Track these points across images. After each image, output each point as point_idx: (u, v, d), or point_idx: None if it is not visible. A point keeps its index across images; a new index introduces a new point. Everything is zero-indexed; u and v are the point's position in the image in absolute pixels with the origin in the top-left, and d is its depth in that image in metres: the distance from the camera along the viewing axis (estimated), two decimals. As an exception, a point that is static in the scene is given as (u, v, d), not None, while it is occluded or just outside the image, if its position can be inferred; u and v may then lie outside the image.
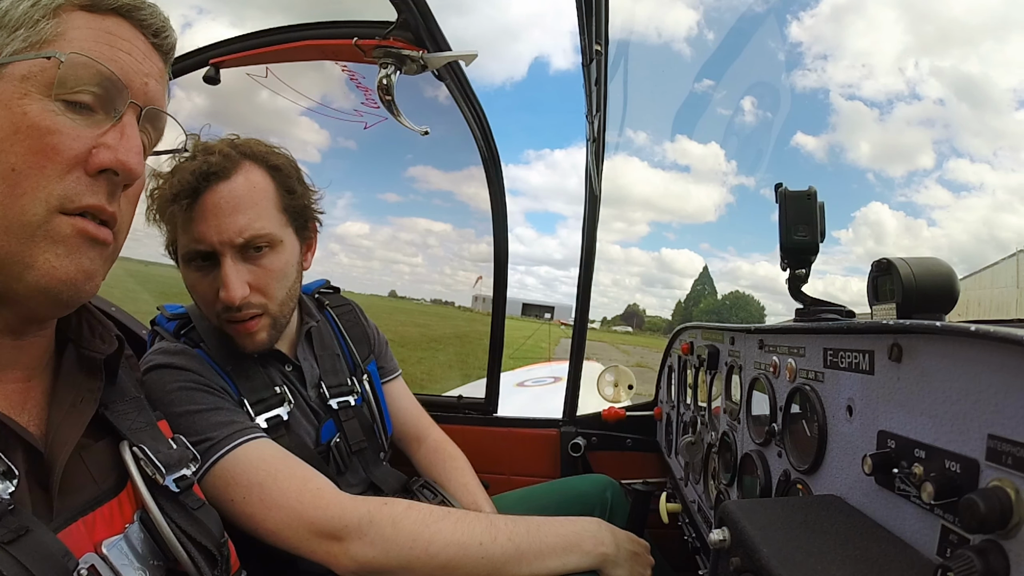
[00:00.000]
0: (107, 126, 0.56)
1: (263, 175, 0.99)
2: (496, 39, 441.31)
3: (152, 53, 0.61)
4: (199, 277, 0.97)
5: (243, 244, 0.94)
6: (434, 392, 2.01)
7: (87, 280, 0.56)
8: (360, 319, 1.34)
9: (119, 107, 0.57)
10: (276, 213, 0.99)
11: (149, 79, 0.60)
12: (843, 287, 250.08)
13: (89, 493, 0.58)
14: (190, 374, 0.93)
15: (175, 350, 0.97)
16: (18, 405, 0.57)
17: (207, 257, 0.95)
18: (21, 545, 0.47)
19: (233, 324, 0.97)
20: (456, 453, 1.35)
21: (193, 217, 0.93)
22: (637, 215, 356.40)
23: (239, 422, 0.91)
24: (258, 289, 0.97)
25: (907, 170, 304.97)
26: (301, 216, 1.06)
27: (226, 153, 0.96)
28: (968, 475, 0.44)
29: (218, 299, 0.95)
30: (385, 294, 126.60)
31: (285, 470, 0.87)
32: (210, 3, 62.31)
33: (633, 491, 1.35)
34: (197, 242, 0.93)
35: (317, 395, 1.13)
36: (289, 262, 1.02)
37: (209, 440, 0.86)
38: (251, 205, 0.95)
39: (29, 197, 0.52)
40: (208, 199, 0.93)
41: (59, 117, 0.53)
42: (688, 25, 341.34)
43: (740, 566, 0.55)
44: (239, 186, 0.95)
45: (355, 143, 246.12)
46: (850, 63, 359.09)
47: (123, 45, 0.57)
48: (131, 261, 0.80)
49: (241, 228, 0.93)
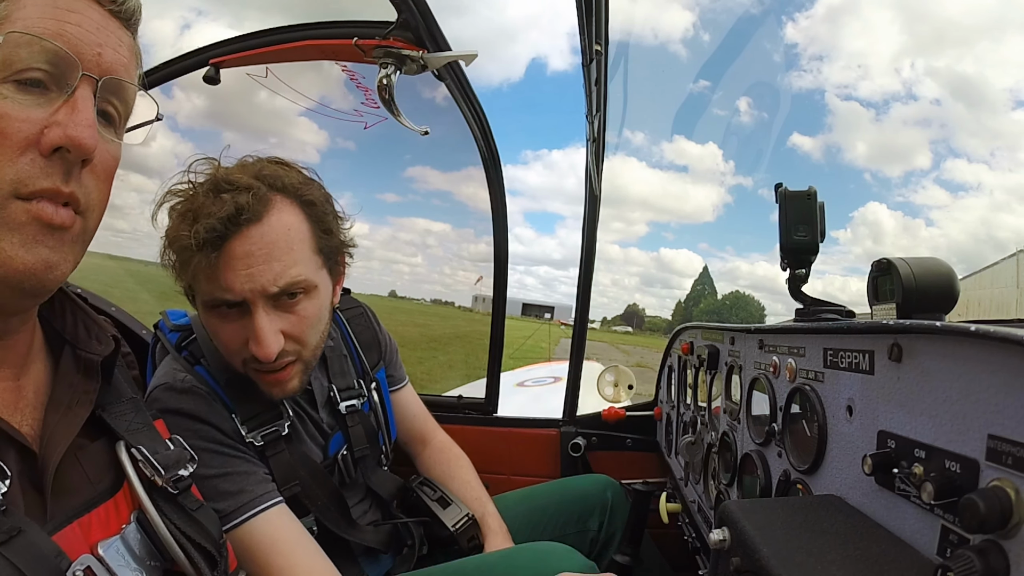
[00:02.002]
0: (59, 103, 0.53)
1: (296, 213, 0.90)
2: (493, 40, 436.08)
3: (108, 21, 0.58)
4: (222, 324, 0.90)
5: (277, 293, 0.87)
6: (434, 392, 2.01)
7: (48, 270, 0.53)
8: (372, 324, 1.29)
9: (71, 82, 0.54)
10: (311, 256, 0.92)
11: (104, 48, 0.56)
12: (842, 287, 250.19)
13: (85, 494, 0.58)
14: (201, 426, 0.90)
15: (182, 388, 0.92)
16: (11, 405, 0.57)
17: (233, 305, 0.87)
18: (13, 546, 0.47)
19: (263, 373, 0.92)
20: (460, 454, 1.35)
21: (219, 266, 0.83)
22: (635, 215, 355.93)
23: (247, 491, 0.89)
24: (292, 337, 0.90)
25: (904, 170, 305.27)
26: (334, 255, 0.99)
27: (255, 190, 0.85)
28: (968, 475, 0.44)
29: (245, 348, 0.88)
30: (385, 294, 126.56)
31: (279, 561, 0.86)
32: (209, 4, 62.48)
33: (633, 491, 1.35)
34: (225, 291, 0.85)
35: (328, 412, 1.11)
36: (323, 306, 0.96)
37: (216, 512, 0.85)
38: (286, 251, 0.87)
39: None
40: (238, 245, 0.83)
41: (6, 101, 0.51)
42: (684, 27, 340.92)
43: (740, 566, 0.55)
44: (273, 230, 0.86)
45: (354, 143, 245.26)
46: (846, 64, 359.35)
47: (71, 17, 0.54)
48: (131, 261, 0.75)
49: (275, 276, 0.85)
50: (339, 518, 1.05)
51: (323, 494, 1.03)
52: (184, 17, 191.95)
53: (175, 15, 28.78)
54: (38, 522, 0.51)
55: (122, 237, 39.33)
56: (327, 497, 1.04)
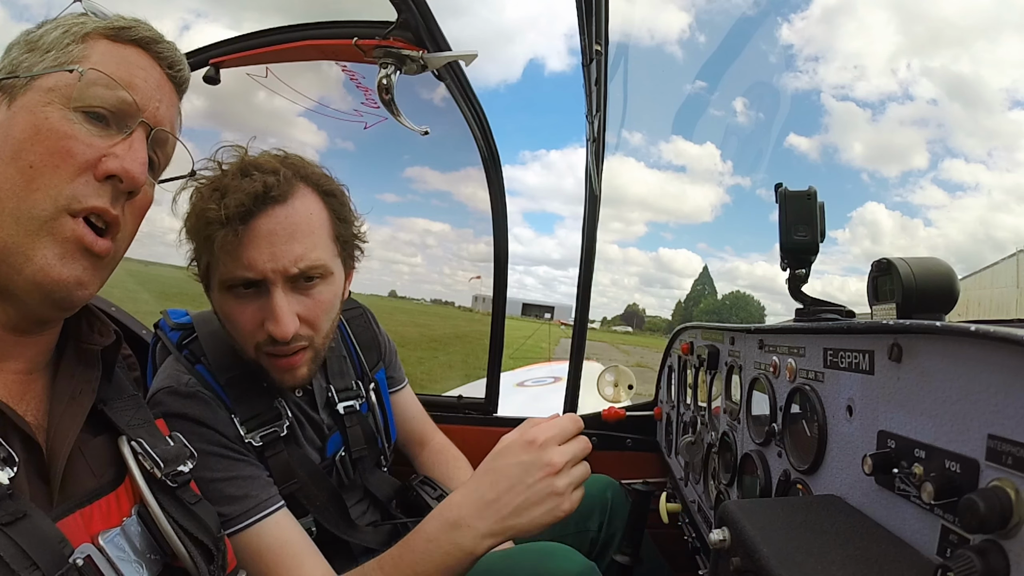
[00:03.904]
0: (118, 139, 0.60)
1: (318, 201, 0.93)
2: (491, 41, 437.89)
3: (165, 83, 0.67)
4: (239, 305, 0.90)
5: (297, 274, 0.88)
6: (434, 392, 2.01)
7: (79, 287, 0.58)
8: (371, 325, 1.30)
9: (131, 124, 0.61)
10: (330, 243, 0.94)
11: (161, 104, 0.65)
12: (841, 287, 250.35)
13: (87, 486, 0.59)
14: (205, 431, 0.90)
15: (186, 391, 0.92)
16: (17, 396, 0.58)
17: (251, 284, 0.89)
18: (19, 528, 0.48)
19: (275, 358, 0.92)
20: (459, 455, 1.36)
21: (243, 242, 0.85)
22: (634, 215, 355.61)
23: (252, 496, 0.89)
24: (307, 321, 0.92)
25: (901, 170, 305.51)
26: (349, 246, 1.02)
27: (282, 173, 0.89)
28: (968, 475, 0.44)
29: (261, 330, 0.89)
30: (385, 294, 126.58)
31: (280, 566, 0.86)
32: (207, 6, 61.95)
33: (633, 491, 1.34)
34: (246, 269, 0.86)
35: (328, 413, 1.11)
36: (336, 294, 0.98)
37: (220, 516, 0.83)
38: (308, 233, 0.90)
39: (42, 193, 0.56)
40: (263, 223, 0.86)
41: (76, 125, 0.58)
42: (680, 28, 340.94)
43: (740, 566, 0.55)
44: (296, 212, 0.89)
45: (353, 144, 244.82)
46: (841, 64, 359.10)
47: (139, 72, 0.63)
48: (131, 261, 0.76)
49: (297, 257, 0.88)
50: (338, 519, 1.05)
51: (321, 495, 1.03)
52: (183, 19, 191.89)
53: (174, 17, 28.44)
54: (43, 510, 0.52)
55: (122, 237, 39.16)
56: (325, 498, 1.04)
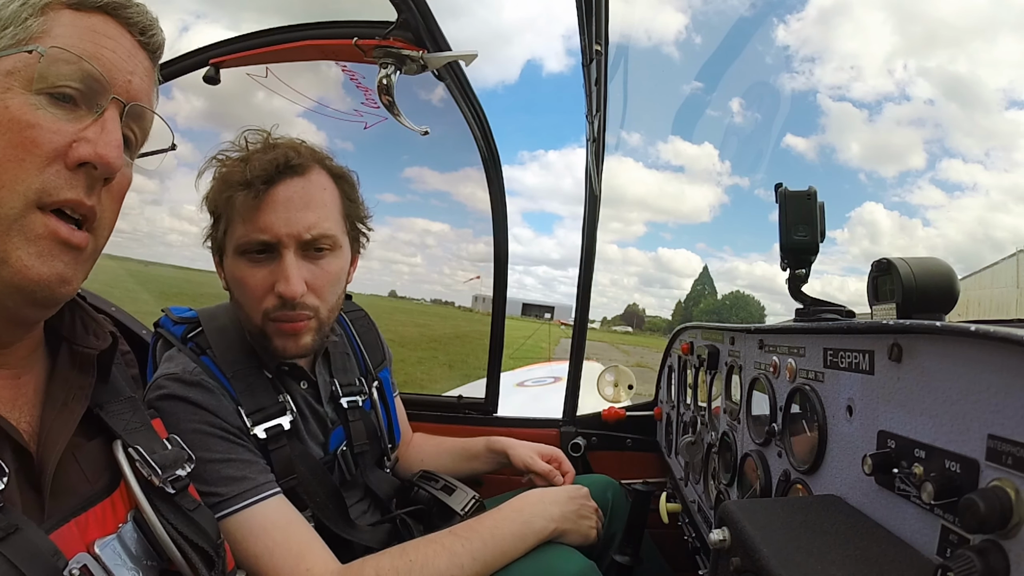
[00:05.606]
0: (89, 121, 0.55)
1: (330, 180, 1.02)
2: (489, 42, 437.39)
3: (138, 51, 0.61)
4: (251, 269, 0.95)
5: (308, 241, 0.95)
6: (434, 392, 2.01)
7: (62, 284, 0.55)
8: (373, 327, 1.35)
9: (101, 103, 0.56)
10: (340, 218, 1.02)
11: (133, 76, 0.59)
12: (840, 287, 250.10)
13: (82, 493, 0.58)
14: (206, 414, 0.91)
15: (192, 380, 0.93)
16: (8, 403, 0.57)
17: (263, 250, 0.94)
18: (10, 544, 0.47)
19: (280, 324, 0.95)
20: (418, 434, 1.48)
21: (261, 206, 0.92)
22: (633, 215, 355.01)
23: (250, 478, 0.90)
24: (314, 290, 0.96)
25: (899, 170, 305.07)
26: (356, 228, 1.08)
27: (300, 151, 0.98)
28: (968, 475, 0.44)
29: (271, 295, 0.93)
30: (385, 294, 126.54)
31: (283, 544, 0.87)
32: (207, 6, 62.02)
33: (633, 491, 1.34)
34: (261, 231, 0.92)
35: (332, 407, 1.13)
36: (343, 268, 1.03)
37: (216, 496, 0.86)
38: (321, 204, 0.97)
39: (7, 190, 0.51)
40: (281, 190, 0.93)
41: (40, 111, 0.53)
42: (677, 29, 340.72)
43: (740, 566, 0.55)
44: (312, 184, 0.97)
45: (352, 144, 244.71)
46: (838, 65, 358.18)
47: (107, 43, 0.57)
48: (131, 261, 0.75)
49: (310, 224, 0.94)
50: (337, 516, 1.05)
51: (322, 491, 1.03)
52: (183, 20, 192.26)
53: (173, 18, 28.74)
54: (35, 520, 0.51)
55: (122, 237, 39.44)
56: (325, 495, 1.04)
